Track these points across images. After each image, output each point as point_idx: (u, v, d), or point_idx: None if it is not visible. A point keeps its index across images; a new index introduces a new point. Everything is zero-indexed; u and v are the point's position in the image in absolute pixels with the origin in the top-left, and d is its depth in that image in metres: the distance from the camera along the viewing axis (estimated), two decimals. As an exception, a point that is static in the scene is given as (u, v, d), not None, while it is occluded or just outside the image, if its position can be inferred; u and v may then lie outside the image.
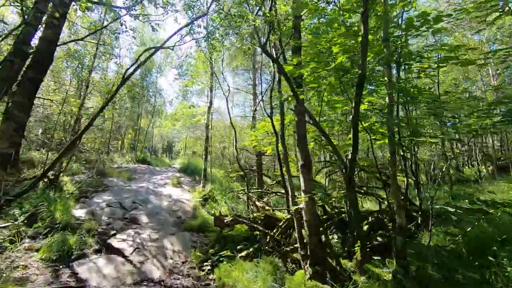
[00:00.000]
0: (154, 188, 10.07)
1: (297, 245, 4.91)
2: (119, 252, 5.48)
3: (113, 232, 6.21)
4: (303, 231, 4.17)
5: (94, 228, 6.16)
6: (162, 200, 8.89)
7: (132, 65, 5.77)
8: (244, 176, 5.89)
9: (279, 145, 4.93)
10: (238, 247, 5.54)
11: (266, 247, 5.30)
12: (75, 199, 7.74)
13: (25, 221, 5.97)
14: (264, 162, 13.76)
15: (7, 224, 5.59)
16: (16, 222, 5.81)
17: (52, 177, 7.69)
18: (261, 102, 9.76)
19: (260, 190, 6.64)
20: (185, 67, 9.76)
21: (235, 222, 5.73)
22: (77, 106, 8.75)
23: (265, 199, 8.37)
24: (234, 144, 6.51)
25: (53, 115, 13.36)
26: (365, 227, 5.48)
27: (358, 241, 3.59)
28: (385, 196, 5.80)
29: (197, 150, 20.73)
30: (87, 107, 13.13)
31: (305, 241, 4.12)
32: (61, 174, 8.21)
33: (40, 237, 5.60)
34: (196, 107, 12.55)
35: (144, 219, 7.25)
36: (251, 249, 5.28)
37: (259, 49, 14.34)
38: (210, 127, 9.73)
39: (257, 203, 6.30)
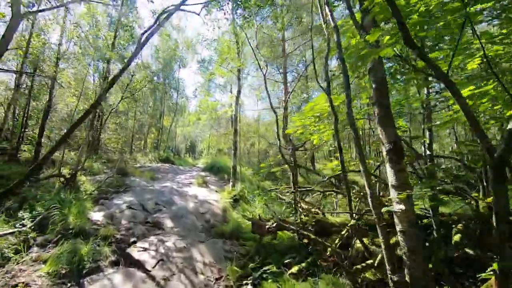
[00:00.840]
0: (178, 188, 9.15)
1: (370, 261, 3.64)
2: (139, 264, 4.49)
3: (133, 239, 5.26)
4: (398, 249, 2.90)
5: (111, 234, 5.24)
6: (188, 201, 7.91)
7: (149, 28, 4.79)
8: (292, 171, 4.72)
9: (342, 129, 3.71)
10: (285, 260, 4.36)
11: (324, 262, 4.08)
12: (93, 200, 6.94)
13: (35, 226, 5.19)
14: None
15: (13, 230, 4.81)
16: (24, 228, 5.05)
17: (69, 176, 6.94)
18: (292, 92, 8.60)
19: (309, 188, 5.43)
20: (212, 48, 8.83)
21: (278, 228, 4.56)
22: (95, 101, 8.04)
23: (307, 200, 7.14)
24: (277, 131, 5.34)
25: (78, 113, 13.04)
26: (456, 237, 4.10)
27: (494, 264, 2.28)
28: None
29: (223, 148, 19.84)
30: (110, 104, 12.58)
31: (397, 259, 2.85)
32: (79, 173, 7.47)
33: (50, 245, 4.77)
34: (220, 102, 11.62)
35: (168, 223, 6.28)
36: (303, 264, 4.08)
37: (287, 35, 13.15)
38: (238, 119, 8.67)
39: (303, 205, 5.10)
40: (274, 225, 4.38)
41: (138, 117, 16.14)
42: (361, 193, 4.56)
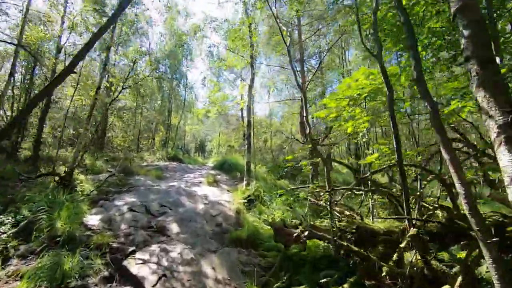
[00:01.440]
0: (186, 187, 8.31)
1: (447, 287, 2.65)
2: (137, 282, 3.64)
3: (132, 248, 4.41)
4: None
5: (107, 242, 4.41)
6: (197, 202, 7.05)
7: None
8: (324, 166, 3.78)
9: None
10: (320, 279, 3.40)
11: (372, 281, 3.11)
12: (91, 202, 6.16)
13: (18, 233, 4.42)
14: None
15: (-11, 238, 4.04)
16: (5, 235, 4.28)
17: (63, 174, 6.17)
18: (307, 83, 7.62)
19: (348, 187, 4.43)
20: (222, 33, 7.94)
21: (309, 237, 3.60)
22: (94, 92, 7.31)
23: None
24: (304, 114, 4.36)
25: (84, 111, 12.44)
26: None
27: None
28: None
29: (234, 145, 18.96)
30: (117, 99, 11.88)
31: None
32: (76, 172, 6.72)
33: (31, 256, 3.97)
34: (231, 94, 10.72)
35: (174, 228, 5.41)
36: (345, 286, 3.12)
37: (303, 21, 12.14)
38: (252, 110, 7.75)
39: (336, 207, 4.14)
40: (306, 233, 3.43)
41: (145, 114, 15.47)
42: (418, 193, 3.56)
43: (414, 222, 3.01)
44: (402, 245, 2.87)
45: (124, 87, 7.04)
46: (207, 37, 7.97)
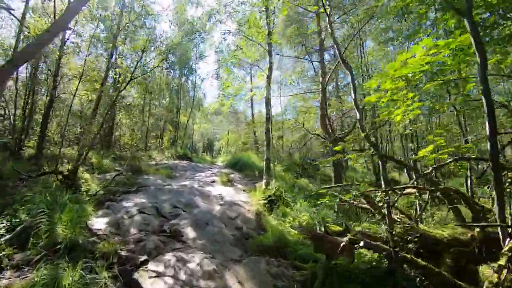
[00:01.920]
0: (199, 187, 7.69)
1: None
2: (151, 301, 3.01)
3: (143, 257, 3.79)
4: None
5: (114, 250, 3.80)
6: (212, 203, 6.42)
7: None
8: (380, 161, 3.10)
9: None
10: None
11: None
12: (97, 202, 5.59)
13: (14, 240, 3.84)
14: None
15: (-22, 246, 3.46)
16: (-2, 242, 3.70)
17: (67, 172, 5.61)
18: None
19: (409, 186, 3.72)
20: (238, 17, 7.24)
21: (364, 247, 2.92)
22: (99, 84, 6.77)
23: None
24: (354, 96, 3.62)
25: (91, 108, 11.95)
26: None
27: None
28: None
29: (247, 142, 18.27)
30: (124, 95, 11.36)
31: None
32: (80, 170, 6.15)
33: (26, 268, 3.38)
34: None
35: (189, 232, 4.79)
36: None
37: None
38: (270, 102, 7.04)
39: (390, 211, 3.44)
40: (361, 243, 2.74)
41: (153, 111, 14.91)
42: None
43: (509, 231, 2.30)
44: (502, 262, 2.16)
45: (132, 78, 6.45)
46: (222, 22, 7.30)
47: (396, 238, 2.78)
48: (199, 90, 19.69)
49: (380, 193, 3.11)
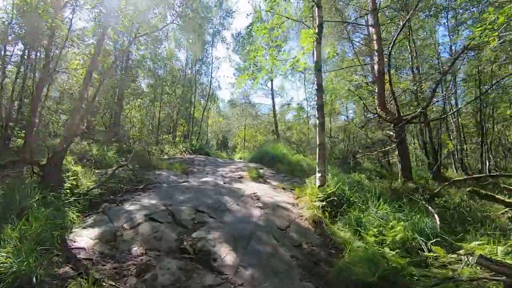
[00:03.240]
0: (225, 184, 5.95)
1: None
2: None
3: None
4: None
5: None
6: (248, 205, 4.63)
7: None
8: None
9: None
10: None
11: None
12: (87, 205, 3.91)
13: None
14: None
15: None
16: None
17: (45, 162, 3.93)
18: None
19: None
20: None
21: None
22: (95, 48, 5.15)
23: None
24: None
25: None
26: None
27: None
28: None
29: (281, 130, 16.30)
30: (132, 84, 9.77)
31: None
32: (67, 159, 4.49)
33: None
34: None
35: (225, 253, 3.01)
36: None
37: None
38: (321, 68, 5.18)
39: None
40: None
41: (165, 101, 13.34)
42: None
43: None
44: None
45: (137, 35, 4.78)
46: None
47: None
48: (212, 80, 18.04)
49: None
